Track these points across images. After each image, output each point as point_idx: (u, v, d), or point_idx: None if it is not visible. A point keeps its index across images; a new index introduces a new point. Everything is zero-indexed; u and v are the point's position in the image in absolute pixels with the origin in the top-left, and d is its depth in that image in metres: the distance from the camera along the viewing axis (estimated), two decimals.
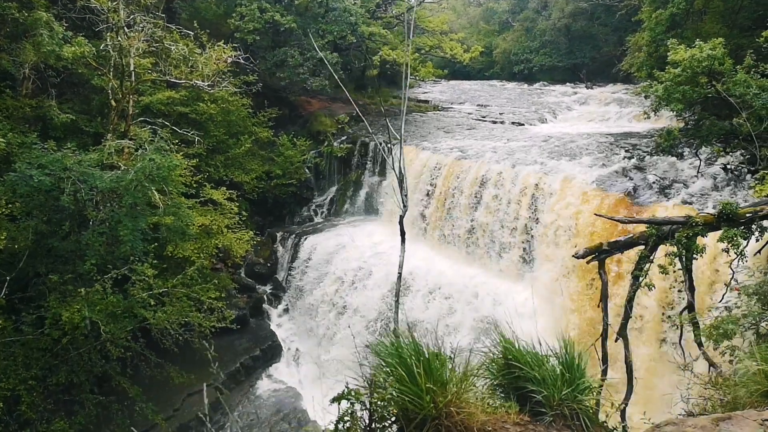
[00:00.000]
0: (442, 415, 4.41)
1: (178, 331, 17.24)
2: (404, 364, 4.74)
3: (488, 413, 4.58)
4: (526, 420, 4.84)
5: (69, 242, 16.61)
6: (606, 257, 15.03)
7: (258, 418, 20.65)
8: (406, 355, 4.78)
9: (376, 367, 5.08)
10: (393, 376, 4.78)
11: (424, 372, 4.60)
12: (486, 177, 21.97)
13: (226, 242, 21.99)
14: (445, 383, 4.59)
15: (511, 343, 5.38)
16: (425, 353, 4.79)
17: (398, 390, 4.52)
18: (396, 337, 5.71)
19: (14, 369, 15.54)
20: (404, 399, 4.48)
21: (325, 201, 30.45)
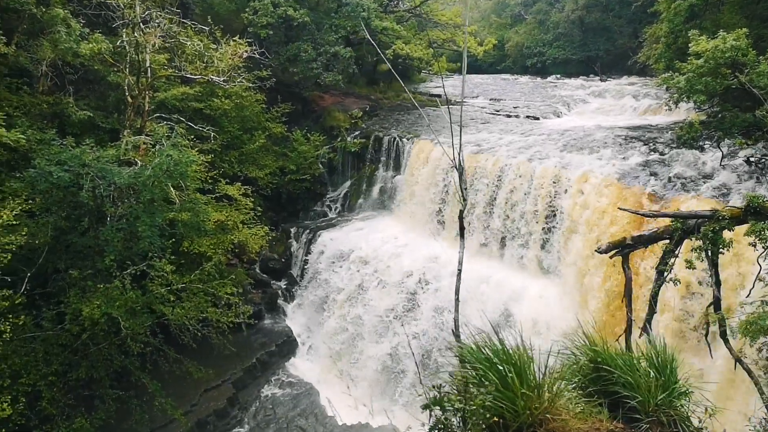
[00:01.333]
0: (537, 422, 4.26)
1: (196, 327, 17.26)
2: (495, 369, 4.54)
3: (581, 420, 4.42)
4: (620, 427, 4.64)
5: (88, 238, 16.66)
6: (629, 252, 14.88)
7: (275, 414, 20.66)
8: (498, 359, 4.59)
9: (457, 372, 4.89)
10: (483, 381, 4.58)
11: (517, 377, 4.41)
12: (502, 171, 21.83)
13: (242, 238, 21.97)
14: (539, 388, 4.42)
15: (599, 345, 5.19)
16: (515, 357, 4.60)
17: (493, 396, 4.33)
18: (457, 337, 5.61)
19: (35, 364, 15.61)
20: (499, 406, 4.30)
21: (338, 196, 30.39)
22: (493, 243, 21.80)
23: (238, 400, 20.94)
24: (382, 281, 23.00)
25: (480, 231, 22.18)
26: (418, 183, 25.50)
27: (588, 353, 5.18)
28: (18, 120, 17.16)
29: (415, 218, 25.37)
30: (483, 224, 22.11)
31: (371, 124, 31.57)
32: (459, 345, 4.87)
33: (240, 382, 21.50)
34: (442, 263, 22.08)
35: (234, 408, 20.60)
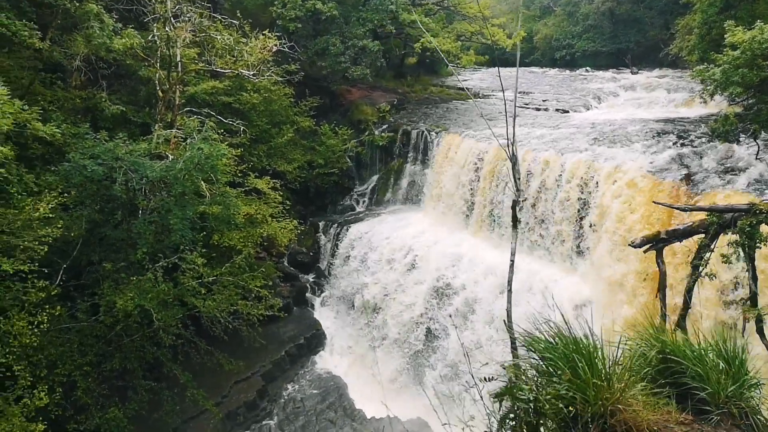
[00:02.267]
0: (608, 412, 4.21)
1: (227, 319, 17.41)
2: (566, 360, 4.51)
3: (651, 411, 4.37)
4: (689, 419, 4.58)
5: (120, 231, 16.88)
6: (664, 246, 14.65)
7: (304, 406, 20.78)
8: (568, 350, 4.54)
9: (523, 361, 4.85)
10: (552, 372, 4.55)
11: (588, 367, 4.37)
12: (532, 165, 21.63)
13: (271, 231, 22.07)
14: (610, 379, 4.37)
15: (667, 336, 5.11)
16: (585, 348, 4.54)
17: (565, 387, 4.29)
18: (510, 329, 5.56)
19: (70, 355, 15.87)
20: (571, 396, 4.26)
21: (366, 190, 30.39)
22: (523, 237, 21.62)
23: (267, 393, 21.10)
24: (410, 274, 22.97)
25: (509, 225, 22.02)
26: (446, 177, 25.39)
27: (656, 344, 5.09)
28: (53, 114, 17.41)
29: (444, 212, 25.28)
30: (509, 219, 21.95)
31: (399, 118, 31.50)
32: (529, 336, 4.83)
33: (269, 375, 21.66)
34: (471, 257, 21.97)
35: (263, 400, 20.77)
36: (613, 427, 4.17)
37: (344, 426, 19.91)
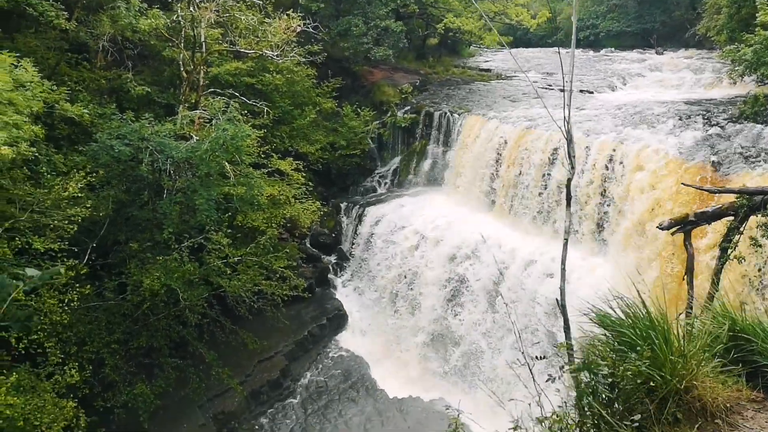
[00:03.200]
0: (683, 389, 4.22)
1: (251, 299, 17.56)
2: (642, 336, 4.51)
3: (723, 388, 4.36)
4: (761, 397, 4.54)
5: (146, 211, 17.04)
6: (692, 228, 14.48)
7: (326, 386, 20.95)
8: (644, 326, 4.55)
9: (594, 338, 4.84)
10: (627, 348, 4.54)
11: (665, 344, 4.38)
12: (557, 147, 21.43)
13: (294, 212, 22.13)
14: (685, 356, 4.36)
15: (738, 313, 5.07)
16: (660, 324, 4.54)
17: (646, 363, 4.29)
18: (562, 307, 5.54)
19: (98, 333, 16.14)
20: (648, 372, 4.26)
21: (388, 172, 30.32)
22: (546, 219, 21.49)
23: (290, 372, 21.31)
24: (432, 256, 22.95)
25: (533, 207, 21.89)
26: (469, 158, 25.25)
27: (726, 322, 5.04)
28: (80, 95, 17.54)
29: (466, 194, 25.18)
30: (536, 201, 21.81)
31: (421, 99, 31.30)
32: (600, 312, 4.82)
33: (292, 355, 21.85)
34: (493, 239, 21.87)
35: (287, 379, 20.98)
36: (688, 404, 4.17)
37: (366, 405, 20.07)
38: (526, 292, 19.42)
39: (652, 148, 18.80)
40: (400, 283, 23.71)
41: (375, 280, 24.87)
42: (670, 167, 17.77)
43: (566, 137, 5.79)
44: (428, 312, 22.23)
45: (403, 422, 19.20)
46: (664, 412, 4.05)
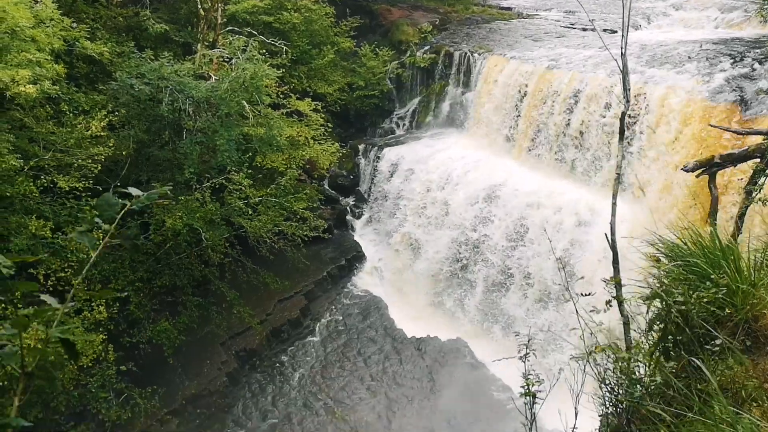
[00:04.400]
0: (753, 317, 4.21)
1: (272, 240, 17.71)
2: (713, 265, 4.49)
3: None
4: None
5: (167, 151, 17.07)
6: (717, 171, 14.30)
7: (345, 325, 21.30)
8: (715, 256, 4.53)
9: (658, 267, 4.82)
10: (699, 277, 4.52)
11: (737, 273, 4.35)
12: (580, 87, 21.03)
13: (313, 154, 22.11)
14: (755, 285, 4.32)
15: None
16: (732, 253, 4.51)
17: (722, 291, 4.27)
18: (613, 242, 5.53)
19: (122, 271, 16.42)
20: (720, 300, 4.25)
21: (407, 113, 29.99)
22: (567, 161, 21.29)
23: (310, 311, 21.65)
24: (451, 198, 22.90)
25: (554, 149, 21.65)
26: (489, 100, 24.89)
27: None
28: (98, 33, 17.36)
29: (486, 136, 24.91)
30: (557, 142, 21.56)
31: (441, 39, 30.67)
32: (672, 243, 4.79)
33: (312, 294, 22.15)
34: (513, 181, 21.76)
35: (306, 318, 21.34)
36: (756, 332, 4.17)
37: (385, 344, 20.41)
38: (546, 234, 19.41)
39: (678, 89, 18.41)
40: (419, 225, 23.76)
41: (393, 222, 24.93)
42: (696, 108, 17.43)
43: (622, 70, 5.67)
44: (447, 253, 22.31)
45: (421, 361, 19.56)
46: (733, 340, 4.05)
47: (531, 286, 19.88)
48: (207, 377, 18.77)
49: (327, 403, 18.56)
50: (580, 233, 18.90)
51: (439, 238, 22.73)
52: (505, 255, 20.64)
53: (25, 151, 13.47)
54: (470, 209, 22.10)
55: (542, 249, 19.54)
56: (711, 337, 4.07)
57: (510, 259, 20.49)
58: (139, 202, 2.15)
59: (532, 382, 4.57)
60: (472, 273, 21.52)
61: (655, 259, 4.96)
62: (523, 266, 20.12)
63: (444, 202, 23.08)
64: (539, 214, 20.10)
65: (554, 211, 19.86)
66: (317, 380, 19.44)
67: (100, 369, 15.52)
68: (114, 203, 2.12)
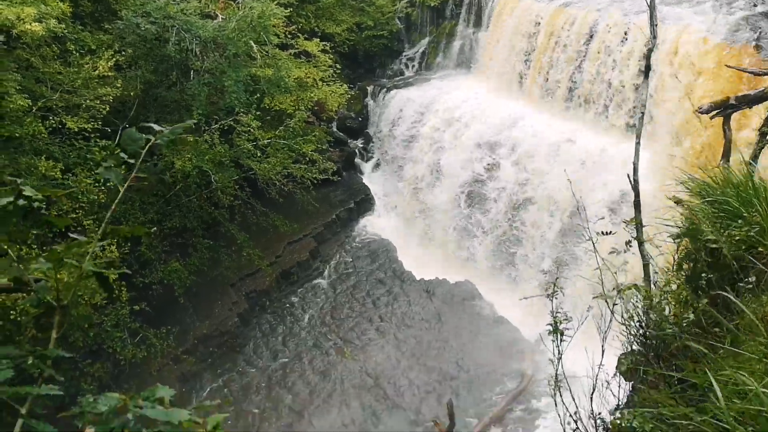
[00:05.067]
0: None
1: (281, 182, 17.69)
2: (745, 203, 4.42)
3: None
4: None
5: (174, 92, 16.90)
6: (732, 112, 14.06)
7: (354, 267, 21.46)
8: (747, 194, 4.45)
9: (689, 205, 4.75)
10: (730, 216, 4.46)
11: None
12: (593, 27, 20.53)
13: (321, 95, 21.85)
14: None
15: None
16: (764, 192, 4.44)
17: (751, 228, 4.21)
18: (635, 182, 5.47)
19: (132, 213, 16.49)
20: (755, 238, 4.18)
21: (416, 54, 29.49)
22: (578, 103, 20.97)
23: (319, 254, 21.80)
24: (461, 140, 22.71)
25: (565, 90, 21.31)
26: (500, 39, 24.37)
27: None
28: None
29: (497, 77, 24.50)
30: (569, 83, 21.20)
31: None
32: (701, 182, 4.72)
33: (321, 237, 22.26)
34: (524, 123, 21.51)
35: (316, 260, 21.51)
36: None
37: (393, 286, 20.60)
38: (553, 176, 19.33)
39: (693, 28, 17.95)
40: (427, 168, 23.65)
41: (401, 164, 24.82)
42: (711, 48, 17.03)
43: (649, 4, 5.51)
44: (457, 196, 22.25)
45: (429, 303, 19.76)
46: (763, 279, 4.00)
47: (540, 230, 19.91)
48: (218, 318, 19.07)
49: (336, 343, 18.88)
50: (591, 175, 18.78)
51: (449, 180, 22.63)
52: (515, 198, 20.58)
53: (33, 91, 13.35)
54: (480, 151, 21.95)
55: (552, 191, 19.47)
56: (741, 276, 4.03)
57: (520, 202, 20.44)
58: (163, 137, 2.10)
59: (560, 320, 4.54)
60: (482, 216, 21.51)
61: (676, 200, 4.90)
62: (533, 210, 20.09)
63: (454, 144, 22.90)
64: (550, 155, 19.94)
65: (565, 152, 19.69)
66: (327, 321, 19.73)
67: (114, 309, 15.78)
68: (138, 138, 2.07)
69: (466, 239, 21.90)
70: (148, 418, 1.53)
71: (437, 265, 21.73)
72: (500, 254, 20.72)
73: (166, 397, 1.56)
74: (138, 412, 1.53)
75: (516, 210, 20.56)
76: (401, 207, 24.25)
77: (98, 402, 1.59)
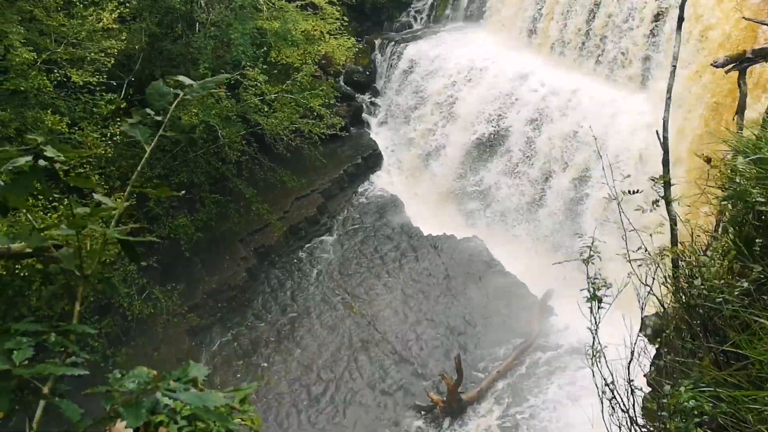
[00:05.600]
0: None
1: (289, 137, 17.55)
2: None
3: None
4: None
5: (180, 45, 16.68)
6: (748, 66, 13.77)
7: (362, 223, 21.43)
8: None
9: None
10: None
11: None
12: None
13: (328, 49, 21.46)
14: None
15: None
16: None
17: None
18: (664, 139, 5.35)
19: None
20: None
21: (425, 6, 28.85)
22: (588, 54, 20.59)
23: (327, 209, 21.76)
24: (470, 94, 22.41)
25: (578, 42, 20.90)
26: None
27: None
28: None
29: (508, 30, 24.02)
30: (579, 35, 20.78)
31: None
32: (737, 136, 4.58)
33: (328, 193, 22.17)
34: (535, 76, 21.16)
35: (323, 216, 21.48)
36: None
37: (401, 242, 20.60)
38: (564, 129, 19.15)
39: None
40: (436, 123, 23.39)
41: (410, 120, 24.55)
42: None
43: None
44: (466, 151, 22.06)
45: (437, 258, 19.79)
46: None
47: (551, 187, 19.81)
48: (227, 272, 19.18)
49: (344, 298, 19.00)
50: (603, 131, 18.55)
51: (458, 135, 22.42)
52: (526, 153, 20.42)
53: (37, 44, 13.17)
54: (490, 106, 21.68)
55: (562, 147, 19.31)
56: None
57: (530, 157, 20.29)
58: (193, 92, 2.00)
59: (598, 286, 4.42)
60: (492, 172, 21.36)
61: (707, 158, 4.76)
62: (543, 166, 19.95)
63: (463, 98, 22.61)
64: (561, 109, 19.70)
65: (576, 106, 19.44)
66: (335, 276, 19.82)
67: (122, 264, 15.84)
68: (166, 92, 1.97)
69: (476, 195, 21.79)
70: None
71: (445, 221, 21.66)
72: (509, 211, 20.65)
73: (199, 378, 1.49)
74: (170, 396, 1.45)
75: (526, 166, 20.41)
76: (410, 162, 24.07)
77: (126, 379, 1.51)
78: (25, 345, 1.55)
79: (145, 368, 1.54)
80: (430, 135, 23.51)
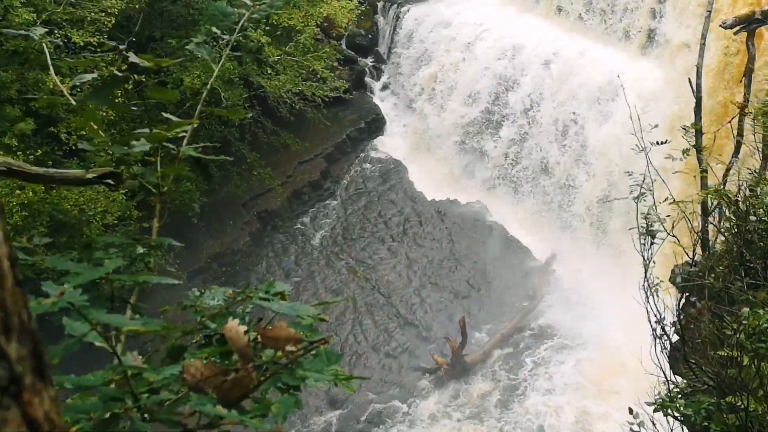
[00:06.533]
0: None
1: (292, 100, 17.39)
2: None
3: None
4: None
5: (180, 6, 16.41)
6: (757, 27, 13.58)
7: (366, 187, 21.35)
8: None
9: None
10: None
11: None
12: None
13: (330, 11, 21.11)
14: None
15: None
16: None
17: None
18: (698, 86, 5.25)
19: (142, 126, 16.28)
20: None
21: None
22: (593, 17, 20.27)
23: (330, 174, 21.66)
24: (473, 57, 22.10)
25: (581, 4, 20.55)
26: None
27: None
28: None
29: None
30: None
31: None
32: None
33: (331, 157, 22.05)
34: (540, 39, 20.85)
35: (327, 181, 21.40)
36: None
37: (405, 207, 20.55)
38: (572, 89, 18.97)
39: None
40: (440, 87, 23.12)
41: (413, 84, 24.27)
42: None
43: None
44: (470, 115, 21.84)
45: (441, 223, 19.76)
46: None
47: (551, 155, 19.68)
48: (230, 236, 19.19)
49: (348, 263, 19.02)
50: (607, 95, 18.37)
51: (462, 100, 22.18)
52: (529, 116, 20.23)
53: (35, 4, 12.94)
54: (494, 69, 21.40)
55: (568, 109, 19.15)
56: None
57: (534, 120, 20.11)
58: (260, 11, 1.93)
59: (651, 221, 4.38)
60: (496, 136, 21.19)
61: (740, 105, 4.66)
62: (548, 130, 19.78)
63: (467, 62, 22.31)
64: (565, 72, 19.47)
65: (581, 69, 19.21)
66: (338, 241, 19.82)
67: (124, 227, 15.77)
68: (230, 12, 1.89)
69: (480, 159, 21.65)
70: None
71: (449, 185, 21.58)
72: (513, 175, 20.54)
73: (285, 292, 1.46)
74: (264, 306, 1.42)
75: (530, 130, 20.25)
76: (412, 127, 23.87)
77: (206, 296, 1.50)
78: (115, 255, 1.54)
79: (221, 288, 1.55)
80: (434, 99, 23.27)
